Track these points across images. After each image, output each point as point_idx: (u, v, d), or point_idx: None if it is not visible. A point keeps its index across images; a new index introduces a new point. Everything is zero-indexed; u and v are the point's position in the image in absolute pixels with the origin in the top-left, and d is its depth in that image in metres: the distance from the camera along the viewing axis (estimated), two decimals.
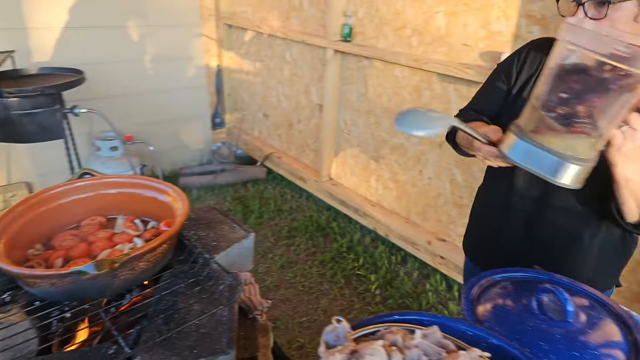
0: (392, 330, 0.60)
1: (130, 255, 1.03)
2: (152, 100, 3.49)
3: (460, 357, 0.54)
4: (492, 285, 0.99)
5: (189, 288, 1.18)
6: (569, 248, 1.23)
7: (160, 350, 0.99)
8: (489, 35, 2.16)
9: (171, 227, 1.18)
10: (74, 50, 3.05)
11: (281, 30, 3.29)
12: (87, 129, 3.19)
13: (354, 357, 0.53)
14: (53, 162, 3.14)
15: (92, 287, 1.06)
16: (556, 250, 1.25)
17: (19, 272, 0.99)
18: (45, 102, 2.31)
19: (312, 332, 2.26)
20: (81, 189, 1.34)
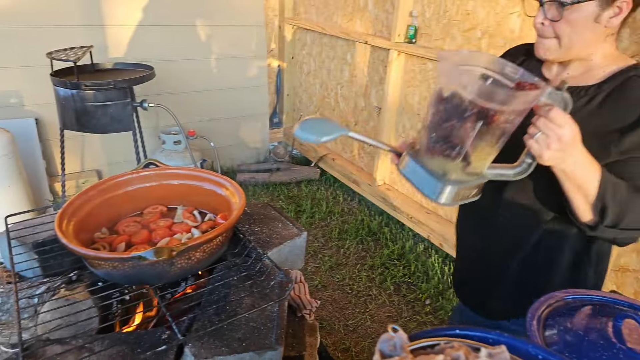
0: (453, 346, 0.56)
1: (188, 245, 1.05)
2: (215, 98, 3.61)
3: None
4: (562, 306, 0.92)
5: (241, 281, 1.19)
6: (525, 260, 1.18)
7: (210, 340, 1.01)
8: None
9: (227, 220, 1.19)
10: (145, 47, 3.22)
11: (344, 31, 3.28)
12: (153, 122, 3.35)
13: None
14: (121, 152, 3.33)
15: (150, 272, 1.10)
16: (501, 265, 1.21)
17: (86, 253, 1.04)
18: (117, 95, 2.45)
19: (358, 336, 2.22)
20: (146, 179, 1.39)
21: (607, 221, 0.94)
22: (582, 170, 0.91)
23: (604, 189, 0.91)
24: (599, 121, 0.98)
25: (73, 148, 3.17)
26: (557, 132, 0.83)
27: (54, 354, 0.96)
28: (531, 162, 0.91)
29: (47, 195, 3.09)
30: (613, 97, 0.98)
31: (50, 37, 2.88)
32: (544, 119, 0.84)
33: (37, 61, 2.83)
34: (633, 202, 0.93)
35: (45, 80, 2.61)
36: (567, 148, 0.86)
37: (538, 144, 0.86)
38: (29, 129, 2.96)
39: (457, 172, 0.90)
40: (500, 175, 0.95)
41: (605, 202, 0.92)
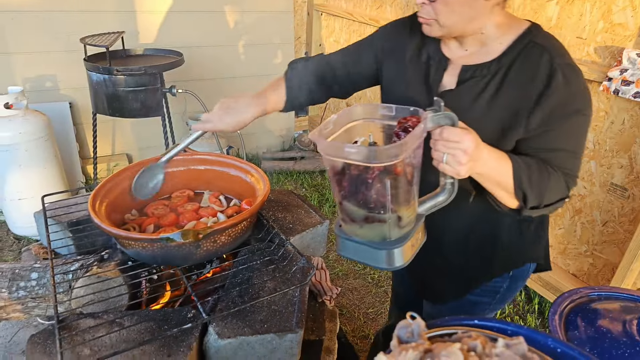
0: (470, 335, 0.56)
1: (214, 229, 1.08)
2: (242, 85, 3.64)
3: None
4: (585, 302, 0.90)
5: (264, 265, 1.21)
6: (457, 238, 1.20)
7: (233, 320, 1.04)
8: (609, 28, 1.94)
9: (252, 205, 1.22)
10: (174, 33, 3.26)
11: (374, 18, 3.24)
12: (181, 108, 3.40)
13: (428, 356, 0.51)
14: (150, 137, 3.41)
15: (177, 254, 1.13)
16: (440, 246, 1.21)
17: (117, 233, 1.08)
18: (148, 81, 2.50)
19: (377, 325, 2.24)
20: (174, 163, 1.43)
21: (530, 204, 0.96)
22: (494, 168, 0.92)
23: (518, 178, 0.93)
24: (506, 97, 0.98)
25: (105, 132, 3.26)
26: (461, 147, 0.83)
27: (87, 326, 1.01)
28: (452, 182, 0.91)
29: (80, 177, 3.20)
30: (515, 70, 0.97)
31: (83, 22, 2.96)
32: (441, 141, 0.84)
33: (71, 46, 2.92)
34: (547, 180, 0.95)
35: (79, 65, 2.68)
36: (475, 155, 0.85)
37: (450, 165, 0.85)
38: (63, 112, 3.06)
39: (394, 230, 0.88)
40: (434, 207, 0.94)
41: (523, 190, 0.94)
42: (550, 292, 2.31)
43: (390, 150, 0.76)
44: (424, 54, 1.12)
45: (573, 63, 0.95)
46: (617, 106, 1.96)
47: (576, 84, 0.94)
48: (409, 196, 0.87)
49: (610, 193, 2.08)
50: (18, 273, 1.26)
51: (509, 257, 1.20)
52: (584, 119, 0.96)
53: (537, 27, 1.01)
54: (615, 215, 2.08)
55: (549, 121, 0.95)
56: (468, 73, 1.03)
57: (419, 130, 0.80)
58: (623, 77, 1.86)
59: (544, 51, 0.95)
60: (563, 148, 0.97)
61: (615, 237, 2.10)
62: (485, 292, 1.24)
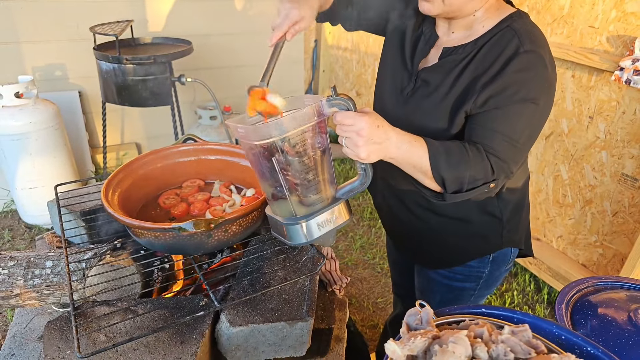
0: (478, 323, 0.57)
1: (225, 219, 1.09)
2: (250, 73, 3.63)
3: (552, 359, 0.50)
4: (593, 292, 0.91)
5: (274, 255, 1.23)
6: (420, 225, 1.24)
7: (245, 309, 1.05)
8: (622, 17, 1.90)
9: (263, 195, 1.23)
10: (183, 21, 3.25)
11: None
12: (190, 97, 3.41)
13: (436, 343, 0.51)
14: (159, 126, 3.42)
15: (189, 243, 1.14)
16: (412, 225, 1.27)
17: (130, 223, 1.10)
18: (157, 70, 2.51)
19: (386, 314, 2.25)
20: (185, 153, 1.44)
21: (450, 189, 0.96)
22: (407, 151, 0.92)
23: (435, 161, 0.93)
24: (469, 74, 0.99)
25: (113, 121, 3.28)
26: (353, 130, 0.85)
27: (102, 314, 1.03)
28: (364, 167, 0.93)
29: (89, 165, 3.23)
30: (484, 50, 0.99)
31: (92, 11, 2.96)
32: (339, 125, 0.87)
33: (81, 35, 2.93)
34: (468, 163, 0.94)
35: (88, 54, 2.69)
36: (376, 138, 0.86)
37: (349, 148, 0.88)
38: (72, 101, 3.08)
39: (298, 208, 0.93)
40: (351, 192, 0.98)
41: (440, 173, 0.94)
42: (560, 282, 2.31)
43: (262, 129, 0.84)
44: (420, 28, 1.17)
45: (542, 52, 0.95)
46: (629, 96, 1.93)
47: (535, 72, 0.94)
48: (309, 177, 0.91)
49: (621, 183, 2.06)
50: (33, 261, 1.28)
51: (486, 240, 1.22)
52: (533, 107, 0.96)
53: (520, 14, 1.02)
54: (625, 205, 2.06)
55: (495, 101, 0.95)
56: (449, 51, 1.07)
57: (300, 113, 0.84)
58: (635, 67, 1.83)
59: (515, 36, 0.96)
60: (500, 131, 0.96)
61: (625, 228, 2.09)
62: (469, 277, 1.28)
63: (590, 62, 1.99)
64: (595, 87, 2.05)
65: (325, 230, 0.98)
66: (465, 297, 1.35)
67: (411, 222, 1.28)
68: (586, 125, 2.13)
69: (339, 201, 0.98)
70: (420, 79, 1.11)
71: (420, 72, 1.12)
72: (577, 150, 2.20)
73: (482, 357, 0.51)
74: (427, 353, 0.52)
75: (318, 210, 0.95)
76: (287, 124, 0.84)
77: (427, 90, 1.09)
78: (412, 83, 1.13)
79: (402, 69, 1.18)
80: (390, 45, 1.25)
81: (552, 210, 2.40)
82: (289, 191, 0.92)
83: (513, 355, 0.51)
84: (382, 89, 1.25)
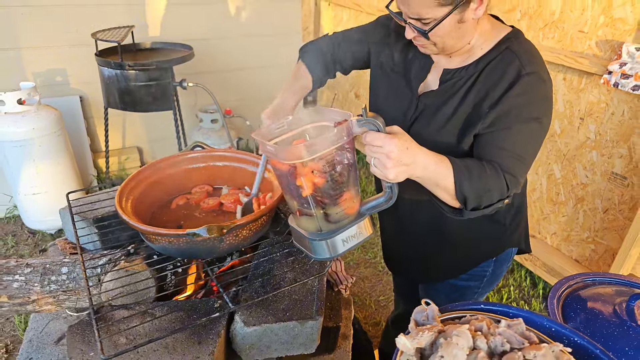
0: (477, 318, 0.63)
1: (236, 224, 1.15)
2: (250, 76, 3.68)
3: (542, 349, 0.56)
4: (582, 287, 0.97)
5: (283, 257, 1.28)
6: (429, 236, 1.30)
7: (257, 309, 1.11)
8: (610, 22, 1.97)
9: (272, 200, 1.28)
10: (182, 25, 3.29)
11: (381, 10, 3.26)
12: (191, 101, 3.45)
13: (441, 336, 0.57)
14: (161, 130, 3.47)
15: (202, 248, 1.20)
16: (420, 241, 1.33)
17: (145, 229, 1.15)
18: (159, 75, 2.55)
19: (389, 312, 2.32)
20: (194, 160, 1.49)
21: (470, 206, 1.00)
22: (433, 171, 0.94)
23: (459, 181, 0.96)
24: (474, 96, 1.04)
25: (115, 125, 3.32)
26: (384, 152, 0.86)
27: (121, 317, 1.08)
28: (391, 185, 0.94)
29: (92, 170, 3.27)
30: (487, 72, 1.04)
31: (92, 16, 3.00)
32: (368, 146, 0.88)
33: (81, 40, 2.97)
34: (487, 182, 0.98)
35: (88, 59, 2.73)
36: (405, 159, 0.88)
37: (378, 168, 0.89)
38: (74, 106, 3.12)
39: (324, 224, 0.94)
40: (376, 207, 0.99)
41: (464, 192, 0.96)
42: (554, 278, 2.39)
43: (293, 150, 0.84)
44: (410, 53, 1.20)
45: (541, 73, 1.01)
46: (617, 98, 2.00)
47: (536, 93, 1.00)
48: (336, 195, 0.93)
49: (611, 182, 2.13)
50: (49, 268, 1.33)
51: (492, 245, 1.29)
52: (538, 126, 1.01)
53: (517, 34, 1.07)
54: (615, 203, 2.14)
55: (503, 121, 1.00)
56: (449, 75, 1.11)
57: (331, 134, 0.85)
58: (622, 71, 1.90)
59: (515, 58, 1.01)
60: (509, 149, 1.01)
61: (615, 224, 2.16)
62: (473, 277, 1.35)
63: (580, 65, 2.06)
64: (586, 89, 2.12)
65: (350, 245, 0.99)
66: (469, 294, 1.40)
67: (412, 241, 1.33)
68: (577, 126, 2.20)
69: (364, 217, 0.99)
70: (422, 102, 1.15)
71: (421, 96, 1.15)
72: (569, 150, 2.27)
73: (482, 348, 0.57)
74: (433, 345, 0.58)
75: (343, 227, 0.96)
76: (319, 145, 0.84)
77: (429, 114, 1.13)
78: (414, 107, 1.17)
79: (401, 93, 1.21)
80: (379, 73, 1.29)
81: (546, 208, 2.47)
82: (315, 208, 0.93)
83: (509, 346, 0.58)
84: (384, 113, 1.27)
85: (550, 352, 0.56)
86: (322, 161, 0.88)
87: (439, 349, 0.55)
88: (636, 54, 1.87)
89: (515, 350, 0.57)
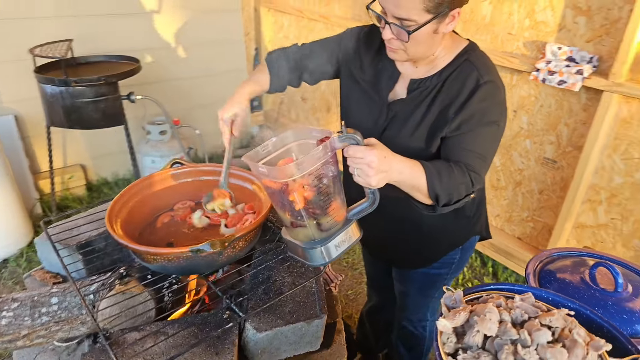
0: (492, 296, 0.76)
1: (236, 236, 1.20)
2: (196, 85, 3.63)
3: (554, 314, 0.70)
4: (550, 261, 1.15)
5: (279, 264, 1.35)
6: (405, 229, 1.40)
7: (266, 315, 1.17)
8: (534, 25, 2.23)
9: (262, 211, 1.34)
10: (122, 36, 3.18)
11: (323, 15, 3.36)
12: (140, 113, 3.30)
13: (474, 315, 0.69)
14: (105, 145, 3.33)
15: (202, 263, 1.23)
16: (396, 232, 1.42)
17: (147, 251, 1.16)
18: (107, 90, 2.47)
19: (358, 304, 2.45)
20: (175, 177, 1.51)
21: (441, 203, 1.12)
22: (408, 175, 1.06)
23: (431, 181, 1.08)
24: (439, 103, 1.18)
25: (55, 144, 3.14)
26: (365, 162, 0.96)
27: (134, 339, 1.10)
28: (373, 191, 1.05)
29: (33, 193, 3.07)
30: (450, 82, 1.18)
31: (24, 30, 2.82)
32: (350, 158, 0.99)
33: (12, 56, 2.78)
34: (455, 181, 1.11)
35: (22, 75, 2.57)
36: (383, 167, 0.98)
37: (361, 177, 0.99)
38: (8, 126, 2.91)
39: (317, 233, 1.04)
40: (361, 212, 1.08)
41: (435, 191, 1.09)
42: (501, 256, 2.65)
43: (286, 169, 0.92)
44: (379, 63, 1.31)
45: (497, 81, 1.16)
46: (545, 92, 2.28)
47: (494, 99, 1.15)
48: (325, 205, 1.01)
49: (544, 166, 2.42)
50: (37, 300, 1.29)
51: (459, 235, 1.45)
52: (496, 129, 1.16)
53: (473, 46, 1.22)
54: (548, 184, 2.43)
55: (467, 125, 1.14)
56: (415, 84, 1.23)
57: (317, 151, 0.93)
58: (548, 68, 2.17)
59: (474, 69, 1.15)
60: (473, 150, 1.14)
61: (550, 203, 2.45)
62: (444, 265, 1.50)
63: (512, 64, 2.31)
64: (517, 85, 2.38)
65: (342, 249, 1.08)
66: (440, 281, 1.56)
67: (390, 232, 1.44)
68: (512, 118, 2.46)
69: (351, 222, 1.09)
70: (392, 110, 1.26)
71: (391, 104, 1.27)
72: (506, 140, 2.53)
73: (507, 320, 0.70)
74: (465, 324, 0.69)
75: (334, 233, 1.05)
76: (307, 162, 0.93)
77: (400, 121, 1.25)
78: (385, 114, 1.27)
79: (371, 101, 1.31)
80: (350, 82, 1.38)
81: (489, 193, 2.73)
82: (308, 219, 1.01)
83: (527, 315, 0.71)
84: (356, 121, 1.35)
85: (560, 317, 0.70)
86: (311, 176, 0.97)
87: (474, 325, 0.67)
88: (558, 53, 2.14)
89: (532, 318, 0.70)
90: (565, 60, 2.13)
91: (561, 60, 2.14)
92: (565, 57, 2.13)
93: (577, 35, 2.11)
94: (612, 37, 2.00)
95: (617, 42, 1.96)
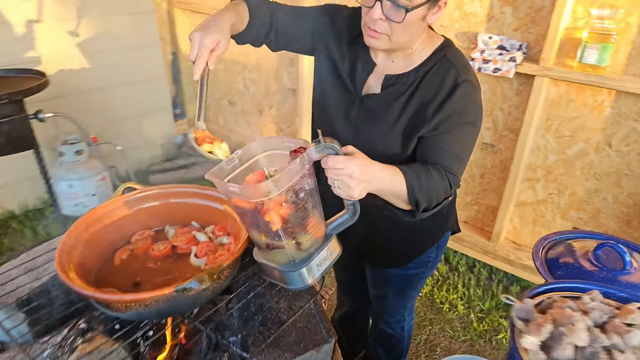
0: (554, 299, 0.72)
1: (223, 266, 1.05)
2: (111, 96, 3.25)
3: (634, 312, 0.67)
4: (552, 245, 1.16)
5: (268, 289, 1.22)
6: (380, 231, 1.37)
7: (271, 350, 1.05)
8: (464, 16, 2.31)
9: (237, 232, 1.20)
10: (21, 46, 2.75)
11: None
12: (52, 133, 2.86)
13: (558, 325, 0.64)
14: (10, 173, 2.87)
15: (185, 302, 1.07)
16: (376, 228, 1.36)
17: (121, 299, 0.98)
18: (13, 110, 2.11)
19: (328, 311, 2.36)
20: (128, 204, 1.30)
21: (422, 208, 1.10)
22: (388, 183, 1.02)
23: (411, 188, 1.05)
24: (416, 101, 1.16)
25: None
26: (346, 173, 0.91)
27: None
28: (353, 202, 1.00)
29: None
30: (427, 79, 1.15)
31: None
32: (329, 169, 0.92)
33: None
34: (434, 186, 1.08)
35: None
36: (365, 176, 0.93)
37: (341, 189, 0.93)
38: None
39: (296, 254, 0.97)
40: (340, 225, 1.03)
41: (416, 197, 1.06)
42: (451, 240, 2.73)
43: (261, 188, 0.85)
44: (355, 51, 1.23)
45: (473, 80, 1.14)
46: (481, 80, 2.34)
47: (471, 99, 1.13)
48: (304, 222, 0.94)
49: (483, 150, 2.53)
50: None
51: (435, 233, 1.44)
52: (473, 129, 1.14)
53: (449, 43, 1.19)
54: (489, 167, 2.54)
55: (444, 126, 1.11)
56: (391, 80, 1.18)
57: (295, 165, 0.87)
58: (483, 57, 2.26)
59: (452, 67, 1.12)
60: (450, 151, 1.11)
61: (491, 186, 2.58)
62: (420, 264, 1.48)
63: None
64: None
65: (324, 267, 1.01)
66: (417, 281, 1.53)
67: (368, 232, 1.36)
68: None
69: (331, 237, 1.02)
70: (364, 104, 1.19)
71: (364, 97, 1.19)
72: None
73: (589, 324, 0.66)
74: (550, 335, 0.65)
75: (315, 251, 0.97)
76: (285, 178, 0.85)
77: (374, 117, 1.18)
78: (357, 107, 1.20)
79: (343, 91, 1.23)
80: (323, 65, 1.28)
81: None
82: (286, 239, 0.93)
83: (606, 316, 0.68)
84: (327, 111, 1.28)
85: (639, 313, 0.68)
86: (289, 192, 0.89)
87: (562, 337, 0.62)
88: (490, 42, 2.24)
89: (612, 319, 0.67)
90: (497, 49, 2.23)
91: (493, 49, 2.23)
92: (496, 45, 2.23)
93: (505, 25, 2.22)
94: (538, 24, 2.13)
95: (543, 30, 2.09)
